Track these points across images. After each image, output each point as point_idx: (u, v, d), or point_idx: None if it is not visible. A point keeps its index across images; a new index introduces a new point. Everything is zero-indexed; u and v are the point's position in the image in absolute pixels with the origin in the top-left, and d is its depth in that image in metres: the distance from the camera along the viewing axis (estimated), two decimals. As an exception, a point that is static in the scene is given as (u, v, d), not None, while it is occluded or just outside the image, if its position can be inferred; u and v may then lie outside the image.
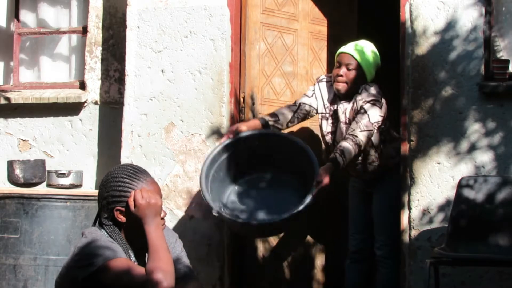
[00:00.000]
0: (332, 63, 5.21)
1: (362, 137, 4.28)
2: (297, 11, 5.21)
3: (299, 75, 5.19)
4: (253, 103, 4.94)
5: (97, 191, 2.93)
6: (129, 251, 2.88)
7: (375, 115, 4.34)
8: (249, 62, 4.96)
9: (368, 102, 4.36)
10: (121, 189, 2.85)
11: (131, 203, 2.82)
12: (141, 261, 2.92)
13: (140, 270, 2.74)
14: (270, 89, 5.04)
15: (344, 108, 4.49)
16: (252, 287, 4.87)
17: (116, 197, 2.85)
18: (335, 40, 5.37)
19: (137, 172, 2.90)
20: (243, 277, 4.86)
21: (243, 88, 4.95)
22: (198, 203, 4.84)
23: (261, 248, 4.90)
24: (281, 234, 4.95)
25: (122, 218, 2.86)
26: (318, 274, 5.13)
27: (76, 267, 2.74)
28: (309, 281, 5.09)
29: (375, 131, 4.36)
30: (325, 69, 5.32)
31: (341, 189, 4.86)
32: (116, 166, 2.95)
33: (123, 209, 2.85)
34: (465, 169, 4.39)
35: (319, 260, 5.14)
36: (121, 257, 2.75)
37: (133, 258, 2.91)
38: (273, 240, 4.95)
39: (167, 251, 2.77)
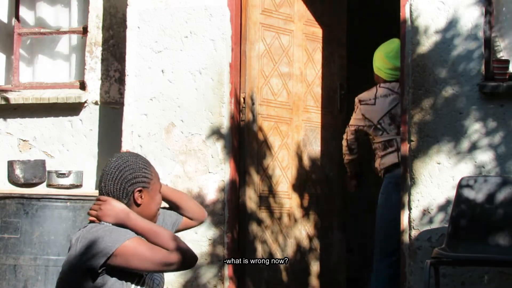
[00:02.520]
0: (325, 64, 5.27)
1: (346, 133, 4.99)
2: (293, 12, 5.20)
3: (294, 75, 5.18)
4: (253, 104, 4.93)
5: (97, 191, 2.87)
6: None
7: (353, 117, 4.92)
8: (249, 62, 4.94)
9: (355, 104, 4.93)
10: (144, 171, 2.80)
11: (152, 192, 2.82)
12: None
13: (158, 247, 2.67)
14: (268, 90, 5.03)
15: None
16: (251, 287, 4.87)
17: (140, 177, 2.78)
18: (327, 41, 5.36)
19: (147, 161, 2.89)
20: (243, 277, 4.85)
21: (243, 88, 4.94)
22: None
23: (260, 250, 4.90)
24: (281, 237, 4.98)
25: (141, 199, 2.79)
26: (313, 279, 5.15)
27: (88, 258, 2.60)
28: (305, 285, 5.10)
29: (350, 131, 4.94)
30: (318, 70, 5.31)
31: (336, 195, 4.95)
32: (124, 154, 2.86)
33: (143, 189, 2.78)
34: (465, 169, 4.39)
35: (315, 266, 5.16)
36: (136, 236, 2.67)
37: None
38: (272, 243, 4.95)
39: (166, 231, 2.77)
